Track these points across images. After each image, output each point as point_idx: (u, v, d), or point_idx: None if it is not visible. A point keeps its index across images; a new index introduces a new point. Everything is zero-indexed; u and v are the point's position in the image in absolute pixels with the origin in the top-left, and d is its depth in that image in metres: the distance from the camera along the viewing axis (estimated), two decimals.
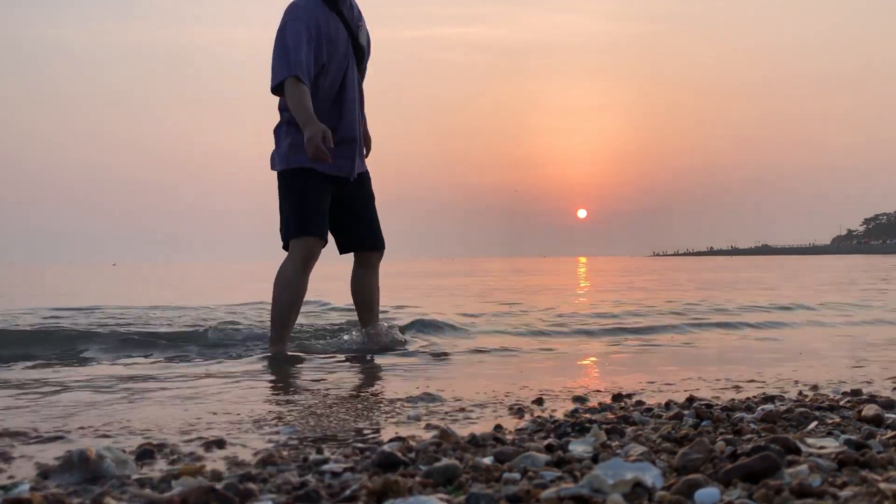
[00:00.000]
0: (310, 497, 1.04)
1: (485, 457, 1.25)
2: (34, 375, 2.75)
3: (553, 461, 1.20)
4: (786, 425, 1.51)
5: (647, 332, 4.23)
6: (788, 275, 14.95)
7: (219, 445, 1.47)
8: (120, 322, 4.69)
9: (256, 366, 2.97)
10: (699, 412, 1.63)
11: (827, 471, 1.11)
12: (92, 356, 3.36)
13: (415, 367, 2.91)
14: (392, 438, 1.48)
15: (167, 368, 2.91)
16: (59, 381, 2.55)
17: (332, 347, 3.49)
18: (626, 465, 1.06)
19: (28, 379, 2.64)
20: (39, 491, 1.08)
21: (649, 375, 2.58)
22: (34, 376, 2.73)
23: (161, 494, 1.06)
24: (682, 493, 1.00)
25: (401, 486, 1.04)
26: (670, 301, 6.58)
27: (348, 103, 3.33)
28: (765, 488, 1.00)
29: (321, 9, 3.28)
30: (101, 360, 3.19)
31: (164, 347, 3.58)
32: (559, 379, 2.56)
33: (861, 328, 4.46)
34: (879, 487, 0.99)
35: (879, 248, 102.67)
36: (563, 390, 2.26)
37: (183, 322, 4.69)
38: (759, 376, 2.54)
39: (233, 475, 1.17)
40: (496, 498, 1.01)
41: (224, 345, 3.61)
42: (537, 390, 2.26)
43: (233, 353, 3.35)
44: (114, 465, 1.21)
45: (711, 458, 1.17)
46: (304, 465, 1.25)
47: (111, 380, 2.58)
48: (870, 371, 2.69)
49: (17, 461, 1.37)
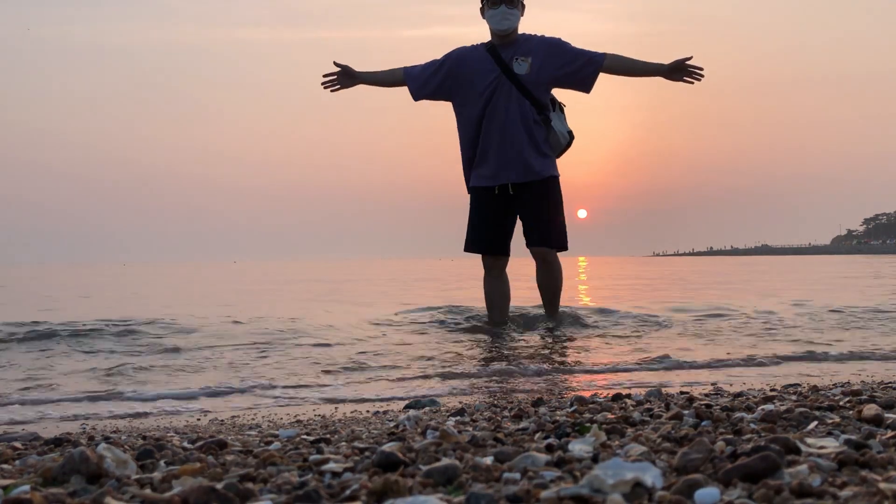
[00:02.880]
0: (310, 497, 1.04)
1: (485, 457, 1.26)
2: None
3: (553, 461, 1.20)
4: (786, 425, 1.51)
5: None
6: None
7: (220, 446, 1.47)
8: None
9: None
10: (699, 412, 1.63)
11: (827, 471, 1.11)
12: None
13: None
14: (391, 440, 1.47)
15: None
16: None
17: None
18: (626, 464, 1.06)
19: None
20: (39, 491, 1.08)
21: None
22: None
23: (161, 494, 1.06)
24: (682, 492, 1.00)
25: (401, 485, 1.04)
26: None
27: (493, 127, 4.14)
28: (765, 488, 1.00)
29: (474, 51, 4.21)
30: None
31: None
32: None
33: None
34: (879, 487, 0.99)
35: (879, 248, 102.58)
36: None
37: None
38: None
39: (233, 475, 1.17)
40: (496, 498, 1.01)
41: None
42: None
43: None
44: (114, 464, 1.21)
45: (711, 458, 1.17)
46: (304, 465, 1.25)
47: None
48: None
49: (17, 461, 1.37)
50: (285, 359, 3.60)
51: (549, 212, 4.26)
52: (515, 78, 4.10)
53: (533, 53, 4.14)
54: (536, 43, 4.18)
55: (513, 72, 4.10)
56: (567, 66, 4.17)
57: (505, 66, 4.11)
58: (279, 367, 3.35)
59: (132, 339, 4.22)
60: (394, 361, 3.48)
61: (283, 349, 3.90)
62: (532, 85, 4.14)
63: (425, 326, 4.77)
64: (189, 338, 4.25)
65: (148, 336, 4.30)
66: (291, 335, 4.37)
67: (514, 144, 4.15)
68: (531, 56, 4.14)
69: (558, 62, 4.16)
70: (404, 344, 4.07)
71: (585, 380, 3.00)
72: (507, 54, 4.14)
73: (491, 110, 4.13)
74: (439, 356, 3.60)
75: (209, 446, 1.46)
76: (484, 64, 4.14)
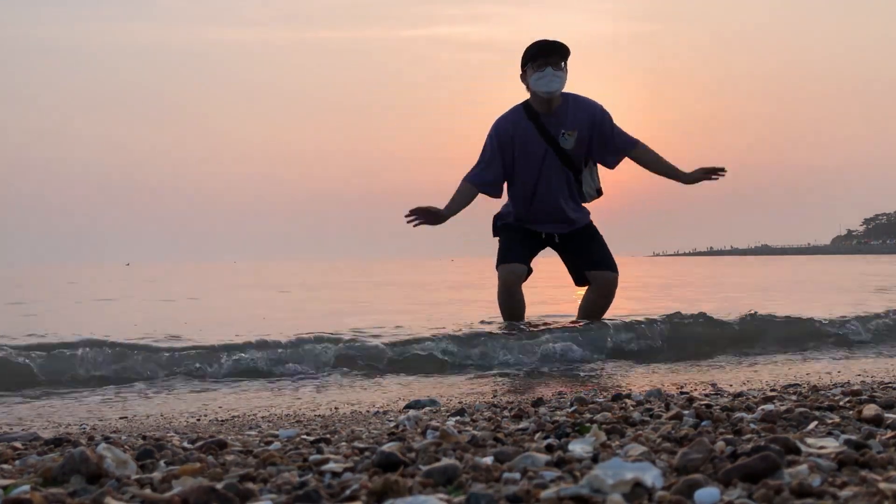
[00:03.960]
0: (310, 497, 1.04)
1: (485, 457, 1.26)
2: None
3: (553, 461, 1.20)
4: (786, 425, 1.51)
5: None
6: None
7: (219, 446, 1.47)
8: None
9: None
10: (699, 412, 1.62)
11: (827, 471, 1.11)
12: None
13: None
14: (391, 440, 1.47)
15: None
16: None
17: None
18: (626, 464, 1.06)
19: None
20: (39, 491, 1.08)
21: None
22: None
23: (161, 494, 1.06)
24: (682, 492, 1.00)
25: (401, 485, 1.04)
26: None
27: (541, 192, 4.27)
28: (765, 488, 1.00)
29: (518, 123, 4.22)
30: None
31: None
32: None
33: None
34: (879, 487, 0.99)
35: (879, 248, 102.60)
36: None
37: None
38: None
39: (233, 475, 1.17)
40: (496, 498, 1.01)
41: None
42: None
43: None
44: (114, 464, 1.21)
45: (711, 458, 1.17)
46: (304, 465, 1.25)
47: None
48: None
49: (17, 461, 1.37)
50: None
51: (601, 245, 4.41)
52: (562, 152, 4.21)
53: (578, 127, 4.20)
54: (582, 115, 4.22)
55: (559, 146, 4.20)
56: (603, 147, 4.25)
57: (551, 140, 4.19)
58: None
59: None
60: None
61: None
62: (575, 157, 4.24)
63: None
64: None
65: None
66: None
67: (559, 209, 4.30)
68: (576, 130, 4.20)
69: (599, 141, 4.23)
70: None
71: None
72: (552, 125, 4.20)
73: (543, 181, 4.25)
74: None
75: (209, 446, 1.46)
76: (531, 137, 4.21)
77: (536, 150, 4.21)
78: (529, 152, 4.22)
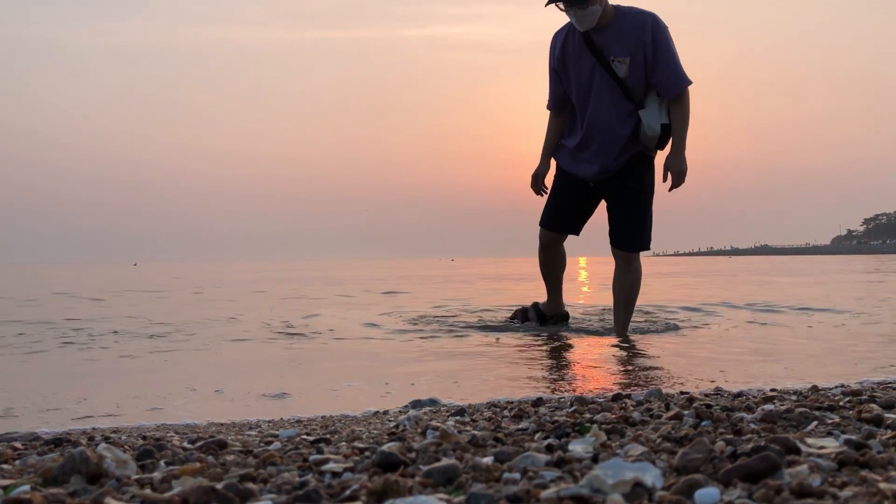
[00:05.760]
0: (310, 497, 1.04)
1: (485, 457, 1.26)
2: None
3: (553, 461, 1.20)
4: (786, 425, 1.51)
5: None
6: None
7: (219, 446, 1.47)
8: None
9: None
10: (699, 412, 1.63)
11: (827, 471, 1.11)
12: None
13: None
14: (391, 440, 1.47)
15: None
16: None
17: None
18: (626, 464, 1.06)
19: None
20: (39, 491, 1.08)
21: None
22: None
23: (161, 494, 1.06)
24: (682, 492, 1.00)
25: (401, 486, 1.04)
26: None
27: (592, 115, 3.99)
28: (765, 488, 1.00)
29: (568, 33, 4.03)
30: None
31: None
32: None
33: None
34: (879, 487, 0.99)
35: (879, 248, 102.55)
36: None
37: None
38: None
39: (233, 475, 1.17)
40: (496, 498, 1.01)
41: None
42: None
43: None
44: (114, 464, 1.21)
45: (711, 458, 1.17)
46: (304, 465, 1.25)
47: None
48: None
49: (17, 461, 1.37)
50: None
51: (630, 207, 4.05)
52: (613, 73, 3.91)
53: (630, 53, 3.88)
54: (630, 38, 3.87)
55: (611, 68, 3.91)
56: (655, 76, 3.94)
57: (599, 55, 3.91)
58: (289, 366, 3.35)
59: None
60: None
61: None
62: (631, 85, 3.95)
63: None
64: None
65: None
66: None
67: (613, 138, 4.00)
68: (629, 57, 3.88)
69: (651, 70, 3.92)
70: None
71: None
72: (603, 41, 3.89)
73: (594, 101, 3.98)
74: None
75: (209, 446, 1.46)
76: (579, 50, 3.96)
77: (585, 65, 3.98)
78: (577, 66, 4.00)
